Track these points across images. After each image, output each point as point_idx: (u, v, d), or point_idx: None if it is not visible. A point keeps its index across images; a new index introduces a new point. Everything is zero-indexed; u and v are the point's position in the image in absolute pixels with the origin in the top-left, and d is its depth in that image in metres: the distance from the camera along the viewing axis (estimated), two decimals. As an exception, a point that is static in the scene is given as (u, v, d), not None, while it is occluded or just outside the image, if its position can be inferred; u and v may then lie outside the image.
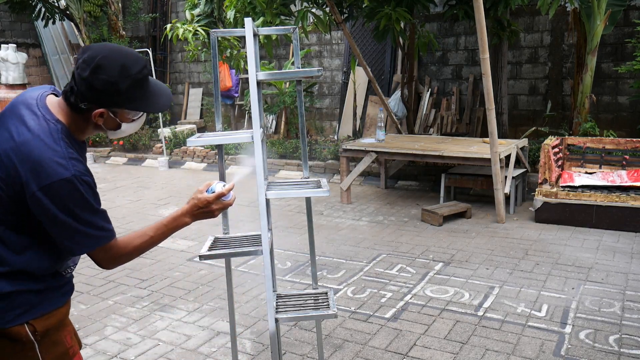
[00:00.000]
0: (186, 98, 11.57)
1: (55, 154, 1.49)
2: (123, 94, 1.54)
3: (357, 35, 9.33)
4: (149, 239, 1.67)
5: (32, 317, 1.58)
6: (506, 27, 6.99)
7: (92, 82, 1.51)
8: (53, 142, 1.50)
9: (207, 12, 7.43)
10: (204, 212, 1.78)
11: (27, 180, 1.47)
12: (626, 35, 7.33)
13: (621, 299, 3.71)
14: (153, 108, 1.64)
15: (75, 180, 1.49)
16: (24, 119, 1.53)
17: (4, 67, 10.64)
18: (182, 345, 3.26)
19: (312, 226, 2.61)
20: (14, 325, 1.55)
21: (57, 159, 1.48)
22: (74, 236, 1.53)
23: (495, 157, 5.42)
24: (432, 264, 4.46)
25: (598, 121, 7.20)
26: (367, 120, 9.12)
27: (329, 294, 2.49)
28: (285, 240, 5.14)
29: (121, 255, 1.63)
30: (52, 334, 1.63)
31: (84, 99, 1.54)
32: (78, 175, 1.49)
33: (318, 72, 2.28)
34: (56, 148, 1.50)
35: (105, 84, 1.51)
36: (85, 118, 1.58)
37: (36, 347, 1.59)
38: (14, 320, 1.55)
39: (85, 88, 1.52)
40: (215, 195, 1.78)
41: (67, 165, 1.49)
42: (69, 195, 1.48)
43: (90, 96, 1.53)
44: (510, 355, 3.05)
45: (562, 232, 5.20)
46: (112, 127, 1.63)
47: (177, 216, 1.74)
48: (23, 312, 1.56)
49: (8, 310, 1.54)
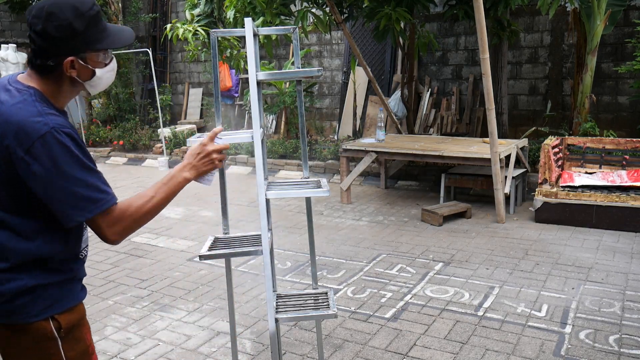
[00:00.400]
0: (186, 98, 11.57)
1: (30, 114, 1.45)
2: (82, 34, 1.50)
3: (357, 35, 9.33)
4: (149, 198, 1.56)
5: (57, 311, 1.55)
6: (506, 27, 6.99)
7: (48, 30, 1.46)
8: (28, 104, 1.47)
9: (207, 12, 7.43)
10: (202, 157, 1.68)
11: (14, 151, 1.43)
12: (626, 35, 7.33)
13: (621, 299, 3.71)
14: (118, 42, 1.59)
15: (55, 133, 1.43)
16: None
17: (4, 67, 10.64)
18: (182, 345, 3.26)
19: (312, 226, 2.61)
20: (39, 319, 1.52)
21: (33, 118, 1.44)
22: (69, 199, 1.44)
23: (495, 157, 5.42)
24: (432, 264, 4.46)
25: (598, 121, 7.21)
26: (367, 120, 9.12)
27: (329, 294, 2.49)
28: (285, 240, 5.14)
29: (125, 218, 1.51)
30: (74, 330, 1.59)
31: (47, 54, 1.49)
32: (57, 128, 1.44)
33: (318, 72, 2.28)
34: (31, 109, 1.46)
35: (61, 29, 1.47)
36: (57, 77, 1.53)
37: (59, 344, 1.55)
38: (38, 314, 1.52)
39: (44, 40, 1.48)
40: (208, 136, 1.69)
41: (44, 120, 1.44)
42: (54, 150, 1.42)
43: (52, 47, 1.49)
44: (510, 355, 3.05)
45: (562, 232, 5.20)
46: (87, 77, 1.57)
47: (175, 173, 1.64)
48: (48, 306, 1.53)
49: (32, 304, 1.51)
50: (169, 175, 1.63)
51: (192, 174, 1.66)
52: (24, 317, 1.51)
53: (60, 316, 1.55)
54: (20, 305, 1.51)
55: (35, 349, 1.54)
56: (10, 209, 1.50)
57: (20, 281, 1.50)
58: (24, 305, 1.51)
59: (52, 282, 1.55)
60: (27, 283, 1.50)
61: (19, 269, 1.50)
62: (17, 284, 1.50)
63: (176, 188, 1.62)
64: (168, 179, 1.62)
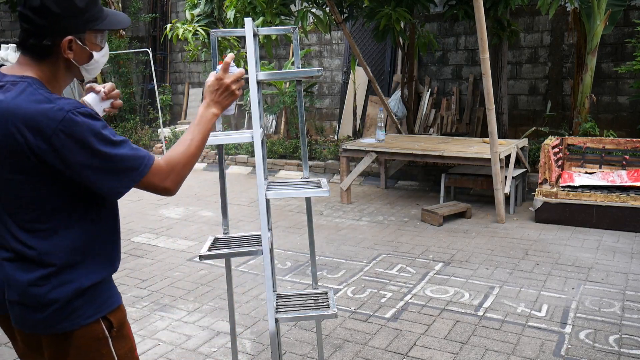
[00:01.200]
0: (186, 98, 11.57)
1: (38, 103, 1.36)
2: (83, 11, 1.43)
3: (357, 35, 9.33)
4: (190, 141, 1.54)
5: (108, 310, 1.51)
6: (506, 27, 6.99)
7: (48, 5, 1.38)
8: (29, 94, 1.38)
9: (207, 12, 7.44)
10: (222, 91, 1.65)
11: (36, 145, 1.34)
12: (626, 35, 7.33)
13: (621, 299, 3.71)
14: (117, 24, 1.54)
15: (73, 116, 1.35)
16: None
17: (4, 67, 10.63)
18: (182, 345, 3.26)
19: (312, 226, 2.61)
20: (92, 321, 1.48)
21: (43, 105, 1.35)
22: (109, 175, 1.39)
23: (495, 157, 5.42)
24: (432, 264, 4.46)
25: (598, 121, 7.20)
26: (367, 120, 9.12)
27: (329, 294, 2.49)
28: (285, 240, 5.14)
29: (174, 167, 1.49)
30: (122, 327, 1.57)
31: (44, 32, 1.40)
32: (73, 110, 1.36)
33: (318, 72, 2.28)
34: (36, 97, 1.37)
35: (62, 4, 1.39)
36: (53, 60, 1.45)
37: (110, 343, 1.52)
38: (91, 316, 1.48)
39: (42, 17, 1.39)
40: (222, 68, 1.67)
41: (57, 105, 1.36)
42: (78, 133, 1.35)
43: (51, 25, 1.40)
44: (510, 355, 3.05)
45: (562, 232, 5.20)
46: (84, 60, 1.50)
47: (202, 112, 1.62)
48: (99, 306, 1.50)
49: (86, 307, 1.47)
50: (198, 115, 1.62)
51: (217, 108, 1.65)
52: (78, 321, 1.46)
53: (111, 315, 1.53)
54: (74, 309, 1.46)
55: (88, 352, 1.50)
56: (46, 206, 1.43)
57: (74, 283, 1.45)
58: (78, 308, 1.46)
59: (101, 280, 1.51)
60: (81, 284, 1.46)
61: (69, 269, 1.45)
62: (70, 287, 1.45)
63: (208, 125, 1.61)
64: (199, 119, 1.61)
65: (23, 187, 1.41)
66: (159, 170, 1.47)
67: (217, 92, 1.65)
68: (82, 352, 1.49)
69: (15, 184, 1.41)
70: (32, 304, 1.44)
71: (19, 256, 1.45)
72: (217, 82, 1.65)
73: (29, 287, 1.43)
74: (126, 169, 1.41)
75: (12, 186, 1.42)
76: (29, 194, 1.42)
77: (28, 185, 1.41)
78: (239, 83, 1.69)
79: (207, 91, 1.66)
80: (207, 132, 1.60)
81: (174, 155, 1.51)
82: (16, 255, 1.45)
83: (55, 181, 1.41)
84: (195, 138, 1.56)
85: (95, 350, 1.50)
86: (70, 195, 1.44)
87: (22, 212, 1.44)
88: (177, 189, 1.53)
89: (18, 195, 1.43)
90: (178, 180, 1.51)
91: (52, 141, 1.34)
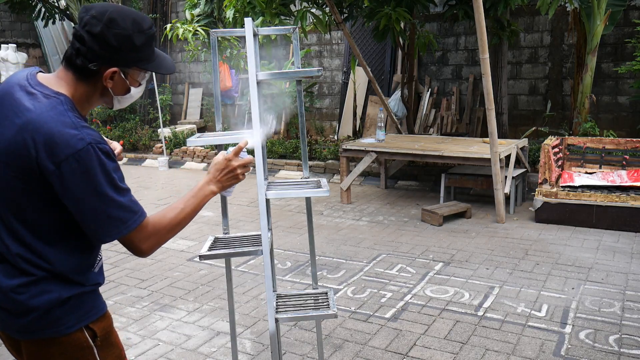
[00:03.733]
0: (186, 98, 11.57)
1: (65, 125, 1.37)
2: (138, 50, 1.46)
3: (357, 35, 9.33)
4: (180, 210, 1.56)
5: (91, 319, 1.52)
6: (506, 27, 6.99)
7: (107, 37, 1.41)
8: (59, 114, 1.39)
9: (207, 12, 7.44)
10: (227, 173, 1.69)
11: (43, 163, 1.36)
12: (626, 35, 7.34)
13: (621, 299, 3.71)
14: (163, 68, 1.57)
15: (92, 150, 1.37)
16: (20, 102, 1.42)
17: (4, 67, 10.65)
18: (182, 345, 3.26)
19: (312, 226, 2.61)
20: (74, 330, 1.49)
21: (68, 130, 1.36)
22: (100, 219, 1.41)
23: (495, 157, 5.43)
24: (432, 264, 4.46)
25: (598, 121, 7.21)
26: (367, 120, 9.12)
27: (329, 294, 2.49)
28: (285, 240, 5.14)
29: (158, 231, 1.51)
30: (108, 336, 1.57)
31: (95, 58, 1.43)
32: (94, 144, 1.38)
33: (318, 72, 2.28)
34: (64, 119, 1.38)
35: (121, 39, 1.42)
36: (92, 83, 1.47)
37: (95, 352, 1.52)
38: (73, 325, 1.49)
39: (99, 45, 1.41)
40: (233, 151, 1.69)
41: (80, 134, 1.37)
42: (89, 168, 1.37)
43: (104, 54, 1.43)
44: (510, 355, 3.05)
45: (562, 232, 5.20)
46: (120, 92, 1.53)
47: (202, 185, 1.65)
48: (81, 315, 1.50)
49: (67, 316, 1.48)
50: (197, 188, 1.65)
51: (217, 187, 1.69)
52: (59, 329, 1.47)
53: (95, 324, 1.53)
54: (55, 317, 1.47)
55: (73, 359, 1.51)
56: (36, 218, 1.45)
57: (54, 293, 1.46)
58: (59, 318, 1.47)
59: (84, 291, 1.52)
60: (60, 295, 1.47)
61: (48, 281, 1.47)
62: (50, 297, 1.46)
63: (203, 200, 1.64)
64: (196, 192, 1.64)
65: (21, 194, 1.43)
66: (143, 230, 1.48)
67: (223, 171, 1.69)
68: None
69: (14, 188, 1.43)
70: (14, 309, 1.46)
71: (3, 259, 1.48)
72: (225, 162, 1.69)
73: (10, 293, 1.45)
74: (117, 218, 1.43)
75: (11, 190, 1.44)
76: (24, 201, 1.44)
77: (25, 193, 1.43)
78: (246, 169, 1.73)
79: (212, 168, 1.69)
80: (199, 207, 1.63)
81: (161, 220, 1.53)
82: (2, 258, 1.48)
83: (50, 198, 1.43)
84: (186, 209, 1.58)
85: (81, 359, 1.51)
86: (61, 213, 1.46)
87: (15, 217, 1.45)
88: (150, 253, 1.54)
89: (14, 200, 1.45)
90: (155, 245, 1.53)
91: (61, 166, 1.36)
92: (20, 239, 1.45)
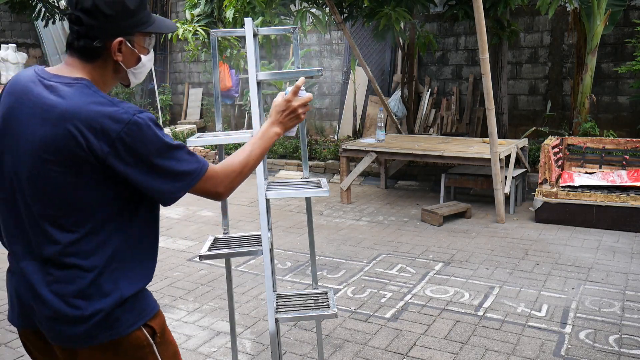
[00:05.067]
0: (186, 98, 11.57)
1: (103, 105, 1.35)
2: (134, 13, 1.44)
3: (357, 35, 9.33)
4: (249, 152, 1.57)
5: (149, 317, 1.49)
6: (506, 27, 7.00)
7: (101, 7, 1.39)
8: (91, 96, 1.36)
9: (207, 12, 7.44)
10: (288, 114, 1.68)
11: (95, 147, 1.33)
12: (626, 35, 7.33)
13: (621, 299, 3.71)
14: (165, 28, 1.55)
15: (138, 119, 1.35)
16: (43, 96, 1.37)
17: (4, 67, 10.65)
18: (182, 345, 3.26)
19: (312, 226, 2.61)
20: (134, 329, 1.44)
21: (108, 108, 1.35)
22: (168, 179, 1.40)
23: (495, 157, 5.43)
24: (432, 264, 4.46)
25: (598, 121, 7.20)
26: (367, 120, 9.12)
27: (329, 294, 2.49)
28: (285, 240, 5.14)
29: (229, 174, 1.51)
30: (164, 333, 1.53)
31: (96, 34, 1.41)
32: (137, 114, 1.36)
33: (318, 72, 2.28)
34: (99, 99, 1.36)
35: (114, 5, 1.40)
36: (101, 62, 1.45)
37: (155, 350, 1.48)
38: (134, 323, 1.45)
39: (94, 18, 1.39)
40: (291, 91, 1.69)
41: (121, 109, 1.35)
42: (142, 136, 1.35)
43: (103, 26, 1.40)
44: (510, 355, 3.05)
45: (562, 232, 5.20)
46: (132, 63, 1.50)
47: (266, 128, 1.66)
48: (140, 313, 1.47)
49: (128, 315, 1.44)
50: (261, 131, 1.66)
51: (280, 128, 1.69)
52: (119, 330, 1.43)
53: (152, 321, 1.49)
54: (115, 318, 1.42)
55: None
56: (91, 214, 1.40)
57: (116, 293, 1.42)
58: (118, 318, 1.43)
59: (143, 287, 1.49)
60: (122, 294, 1.43)
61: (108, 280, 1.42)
62: (113, 297, 1.42)
63: (269, 143, 1.65)
64: (262, 134, 1.65)
65: (73, 190, 1.38)
66: (214, 175, 1.49)
67: (284, 113, 1.69)
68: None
69: (63, 185, 1.37)
70: (74, 317, 1.39)
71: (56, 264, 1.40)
72: (285, 104, 1.69)
73: (70, 299, 1.39)
74: (182, 173, 1.42)
75: (58, 188, 1.37)
76: (77, 196, 1.38)
77: (79, 187, 1.37)
78: (306, 107, 1.72)
79: (273, 110, 1.69)
80: (266, 149, 1.64)
81: (232, 162, 1.54)
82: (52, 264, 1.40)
83: (108, 185, 1.39)
84: (254, 151, 1.60)
85: (141, 358, 1.47)
86: (121, 200, 1.43)
87: (65, 216, 1.39)
88: (229, 194, 1.55)
89: (63, 198, 1.38)
90: (231, 186, 1.54)
91: (116, 144, 1.34)
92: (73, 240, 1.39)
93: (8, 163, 1.42)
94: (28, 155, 1.37)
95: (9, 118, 1.41)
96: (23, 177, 1.39)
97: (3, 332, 3.43)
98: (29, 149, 1.37)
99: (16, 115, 1.40)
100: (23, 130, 1.38)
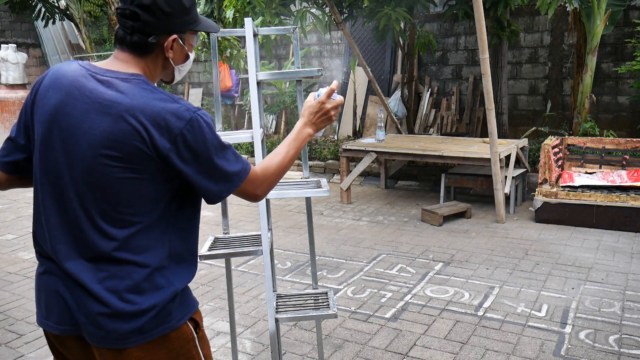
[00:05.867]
0: (186, 98, 11.58)
1: (165, 101, 1.36)
2: (188, 12, 1.46)
3: (357, 35, 9.33)
4: (285, 154, 1.61)
5: (193, 310, 1.50)
6: (506, 27, 7.00)
7: (159, 4, 1.39)
8: (151, 92, 1.37)
9: (207, 12, 7.44)
10: (321, 115, 1.71)
11: (157, 143, 1.33)
12: (626, 35, 7.34)
13: (621, 299, 3.71)
14: (211, 27, 1.59)
15: (199, 117, 1.38)
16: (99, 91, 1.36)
17: (4, 67, 10.65)
18: (182, 345, 3.25)
19: (312, 226, 2.61)
20: (182, 323, 1.45)
21: (171, 105, 1.36)
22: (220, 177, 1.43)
23: (495, 157, 5.43)
24: (432, 264, 4.46)
25: (598, 121, 7.21)
26: (367, 120, 9.12)
27: (329, 294, 2.49)
28: (285, 240, 5.14)
29: (269, 176, 1.55)
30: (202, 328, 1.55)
31: (152, 30, 1.41)
32: (196, 111, 1.38)
33: (318, 72, 2.28)
34: (160, 96, 1.37)
35: (172, 3, 1.41)
36: (152, 58, 1.46)
37: (197, 343, 1.49)
38: (182, 317, 1.45)
39: (152, 15, 1.39)
40: (325, 94, 1.72)
41: (183, 106, 1.37)
42: (201, 134, 1.37)
43: (160, 23, 1.41)
44: (510, 355, 3.05)
45: (562, 232, 5.20)
46: (181, 60, 1.52)
47: (300, 129, 1.69)
48: (187, 307, 1.48)
49: (178, 308, 1.44)
50: (295, 132, 1.69)
51: (313, 129, 1.72)
52: (171, 324, 1.43)
53: (196, 315, 1.51)
54: (168, 312, 1.42)
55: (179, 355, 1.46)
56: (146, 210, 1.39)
57: (170, 287, 1.42)
58: (171, 312, 1.43)
59: (189, 281, 1.50)
60: (176, 288, 1.44)
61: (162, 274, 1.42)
62: (167, 291, 1.42)
63: (303, 143, 1.69)
64: (295, 135, 1.68)
65: (131, 185, 1.37)
66: (254, 178, 1.52)
67: (317, 114, 1.71)
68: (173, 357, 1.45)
69: (121, 180, 1.36)
70: (128, 312, 1.37)
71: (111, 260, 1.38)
72: (318, 105, 1.71)
73: (125, 294, 1.37)
74: (230, 173, 1.45)
75: (116, 183, 1.36)
76: (134, 191, 1.37)
77: (137, 183, 1.37)
78: (337, 110, 1.75)
79: (306, 112, 1.71)
80: (300, 149, 1.68)
81: (270, 165, 1.58)
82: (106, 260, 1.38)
83: (165, 181, 1.40)
84: (290, 152, 1.63)
85: (187, 352, 1.47)
86: (173, 196, 1.43)
87: (121, 212, 1.38)
88: (265, 196, 1.59)
89: (121, 193, 1.37)
90: (269, 188, 1.58)
91: (177, 140, 1.35)
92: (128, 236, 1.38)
93: (58, 160, 1.39)
94: (85, 150, 1.35)
95: (58, 113, 1.38)
96: (77, 173, 1.37)
97: (3, 332, 3.43)
98: (85, 144, 1.35)
99: (68, 111, 1.37)
100: (78, 126, 1.36)
